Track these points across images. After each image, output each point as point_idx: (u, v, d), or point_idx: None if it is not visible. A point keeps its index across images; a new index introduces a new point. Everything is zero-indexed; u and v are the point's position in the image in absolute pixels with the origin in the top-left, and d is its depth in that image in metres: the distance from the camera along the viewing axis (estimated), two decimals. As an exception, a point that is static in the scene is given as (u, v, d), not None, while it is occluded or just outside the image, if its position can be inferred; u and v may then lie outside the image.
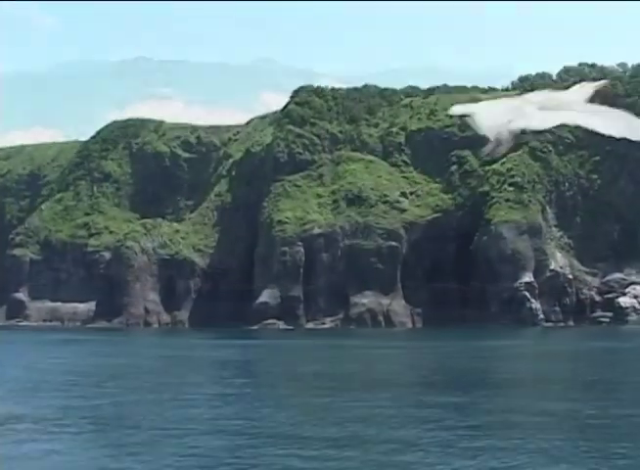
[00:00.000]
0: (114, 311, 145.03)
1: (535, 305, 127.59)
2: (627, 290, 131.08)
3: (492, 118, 9.37)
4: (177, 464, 26.29)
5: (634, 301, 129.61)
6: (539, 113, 9.42)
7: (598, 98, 9.77)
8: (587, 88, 9.90)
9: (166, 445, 29.32)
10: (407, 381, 51.89)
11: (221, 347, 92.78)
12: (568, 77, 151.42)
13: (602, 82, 10.67)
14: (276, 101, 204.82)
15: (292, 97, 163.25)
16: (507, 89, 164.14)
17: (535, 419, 33.64)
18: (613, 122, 9.06)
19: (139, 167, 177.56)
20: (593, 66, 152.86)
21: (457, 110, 10.32)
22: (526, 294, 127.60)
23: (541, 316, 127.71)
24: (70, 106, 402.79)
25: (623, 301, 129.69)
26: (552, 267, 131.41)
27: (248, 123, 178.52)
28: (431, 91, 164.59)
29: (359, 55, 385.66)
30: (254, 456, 27.36)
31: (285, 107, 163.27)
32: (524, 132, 9.83)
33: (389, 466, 26.01)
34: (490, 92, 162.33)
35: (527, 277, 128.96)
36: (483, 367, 58.32)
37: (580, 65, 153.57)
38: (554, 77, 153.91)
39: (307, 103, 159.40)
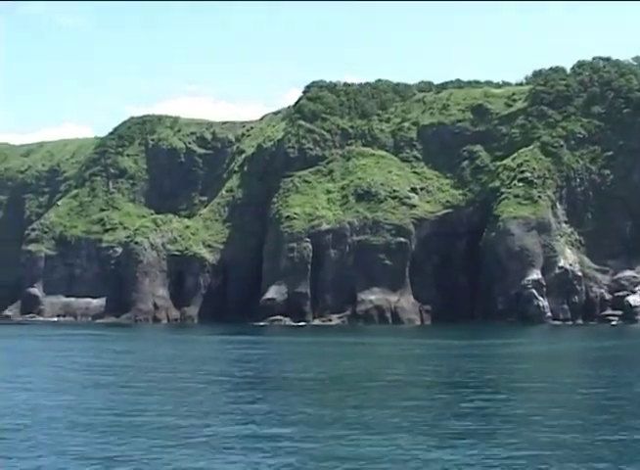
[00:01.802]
0: (123, 307, 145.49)
1: (543, 302, 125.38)
2: (638, 288, 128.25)
3: None
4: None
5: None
6: None
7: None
8: None
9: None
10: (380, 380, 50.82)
11: (203, 343, 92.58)
12: (582, 71, 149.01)
13: None
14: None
15: (304, 92, 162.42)
16: (521, 84, 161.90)
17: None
18: None
19: (154, 163, 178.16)
20: (608, 59, 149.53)
21: None
22: (534, 291, 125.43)
23: (549, 314, 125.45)
24: (101, 103, 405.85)
25: (633, 299, 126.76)
26: (561, 264, 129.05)
27: (262, 119, 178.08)
28: (444, 86, 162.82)
29: (373, 51, 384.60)
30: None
31: (297, 102, 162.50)
32: None
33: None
34: (504, 86, 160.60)
35: (535, 274, 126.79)
36: (466, 368, 56.85)
37: (595, 58, 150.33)
38: (568, 71, 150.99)
39: (319, 98, 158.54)
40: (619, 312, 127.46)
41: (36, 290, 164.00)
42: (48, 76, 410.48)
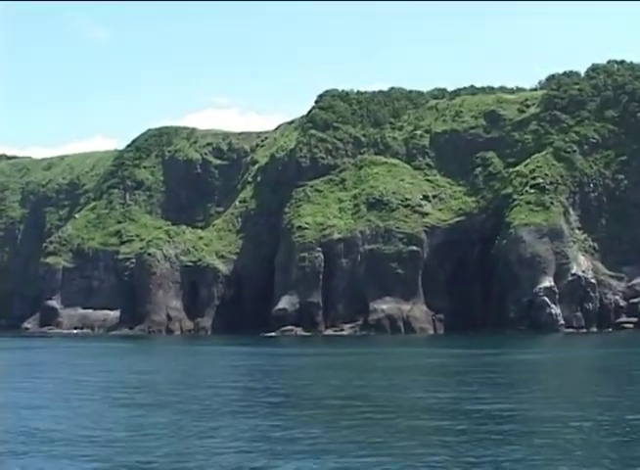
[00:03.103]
0: (137, 318, 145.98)
1: (555, 310, 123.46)
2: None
3: None
4: None
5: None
6: None
7: None
8: None
9: None
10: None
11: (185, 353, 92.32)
12: (595, 75, 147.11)
13: None
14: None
15: (316, 101, 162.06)
16: (535, 89, 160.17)
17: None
18: None
19: (171, 175, 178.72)
20: (622, 63, 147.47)
21: None
22: (546, 299, 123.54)
23: (562, 322, 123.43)
24: (129, 117, 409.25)
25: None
26: (574, 271, 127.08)
27: (276, 129, 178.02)
28: (457, 92, 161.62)
29: (388, 58, 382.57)
30: None
31: (309, 111, 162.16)
32: None
33: None
34: (518, 92, 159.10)
35: (548, 281, 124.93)
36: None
37: (609, 62, 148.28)
38: (582, 76, 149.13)
39: (331, 107, 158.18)
40: (634, 319, 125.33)
41: (54, 302, 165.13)
42: (76, 90, 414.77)
